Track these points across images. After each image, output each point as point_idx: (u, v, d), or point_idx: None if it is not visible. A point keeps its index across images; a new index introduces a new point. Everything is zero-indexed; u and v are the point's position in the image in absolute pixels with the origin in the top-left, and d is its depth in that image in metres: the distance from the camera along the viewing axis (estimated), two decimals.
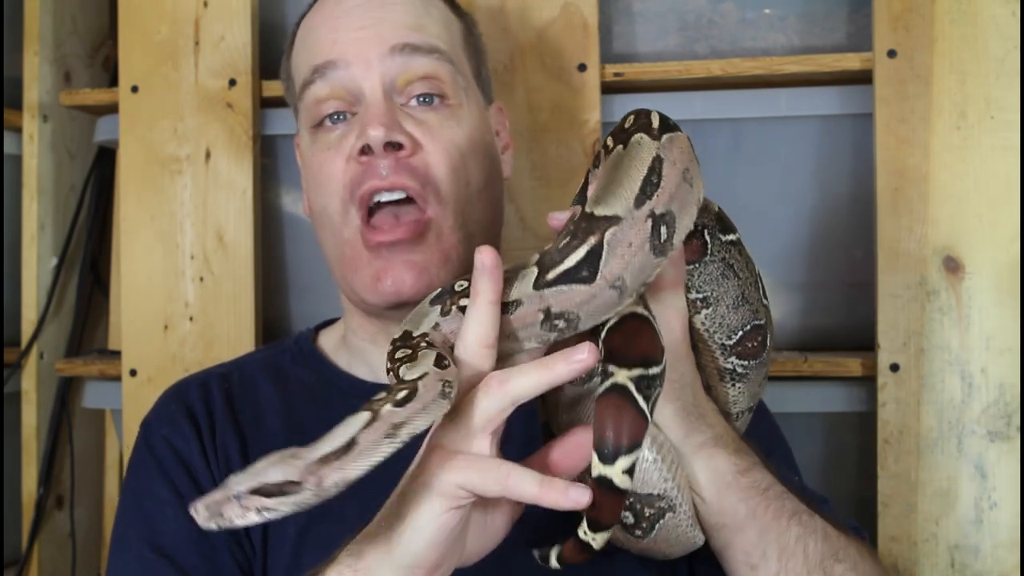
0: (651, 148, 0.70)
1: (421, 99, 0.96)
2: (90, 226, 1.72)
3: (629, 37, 1.45)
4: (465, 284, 0.72)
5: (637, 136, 0.72)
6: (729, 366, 0.85)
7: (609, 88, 1.40)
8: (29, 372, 1.64)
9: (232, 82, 1.45)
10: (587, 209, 0.68)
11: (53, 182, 1.67)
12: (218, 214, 1.45)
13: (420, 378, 0.64)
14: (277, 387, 1.03)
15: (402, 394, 0.63)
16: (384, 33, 0.95)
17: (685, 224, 0.71)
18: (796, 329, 1.42)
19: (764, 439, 0.94)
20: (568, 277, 0.67)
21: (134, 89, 1.48)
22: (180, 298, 1.46)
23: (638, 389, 0.66)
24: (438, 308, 0.73)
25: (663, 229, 0.69)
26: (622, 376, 0.67)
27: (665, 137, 0.72)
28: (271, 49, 1.51)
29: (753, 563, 0.78)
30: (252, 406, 1.01)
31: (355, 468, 0.63)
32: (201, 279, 1.45)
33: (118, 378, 1.49)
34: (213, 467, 0.96)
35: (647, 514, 0.76)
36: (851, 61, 1.34)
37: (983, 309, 1.28)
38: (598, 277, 0.67)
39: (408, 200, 0.93)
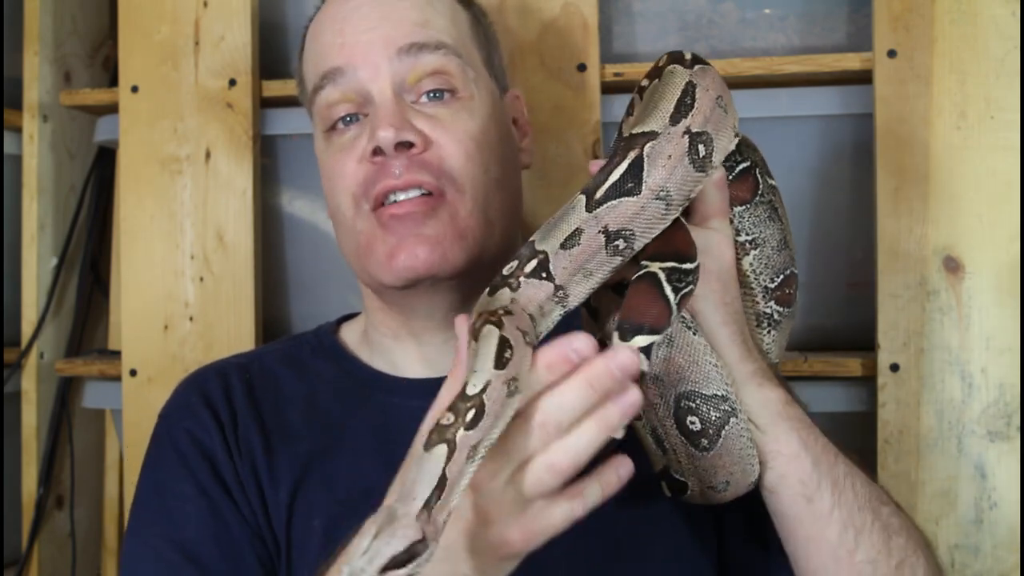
0: (684, 75, 0.76)
1: (431, 95, 0.96)
2: (90, 226, 1.72)
3: (629, 37, 1.45)
4: (514, 265, 0.73)
5: (670, 67, 0.77)
6: (768, 311, 0.87)
7: (609, 88, 1.40)
8: (29, 372, 1.64)
9: (232, 82, 1.45)
10: (625, 133, 0.73)
11: (53, 182, 1.67)
12: (218, 214, 1.45)
13: (483, 391, 0.64)
14: (298, 379, 1.02)
15: (471, 415, 0.63)
16: (390, 34, 0.95)
17: (723, 145, 0.76)
18: (796, 329, 1.41)
19: None
20: (616, 190, 0.71)
21: (134, 89, 1.48)
22: (180, 298, 1.46)
23: (668, 280, 0.70)
24: (505, 290, 0.73)
25: (701, 147, 0.73)
26: (654, 267, 0.71)
27: (697, 67, 0.77)
28: (271, 49, 1.51)
29: (809, 494, 0.79)
30: (273, 398, 1.00)
31: (454, 498, 0.64)
32: (201, 279, 1.45)
33: (118, 378, 1.49)
34: (236, 459, 0.95)
35: (713, 418, 0.77)
36: (851, 61, 1.34)
37: (983, 309, 1.28)
38: (643, 188, 0.71)
39: (425, 195, 0.93)
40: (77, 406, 1.69)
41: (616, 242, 0.72)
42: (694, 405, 0.78)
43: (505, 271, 0.74)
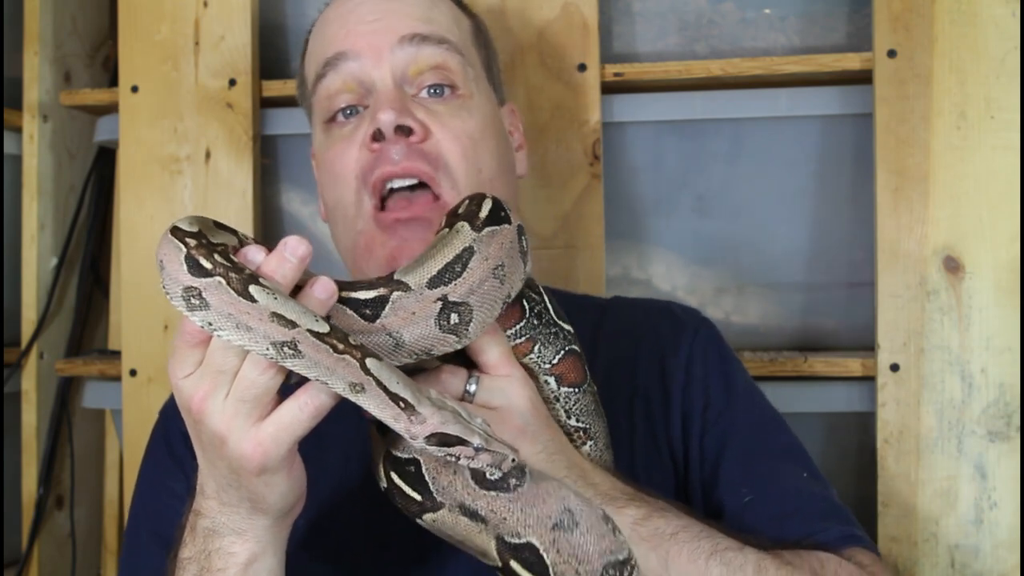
0: (466, 238, 0.75)
1: (432, 90, 0.97)
2: (90, 226, 1.72)
3: (629, 37, 1.45)
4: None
5: (460, 224, 0.76)
6: None
7: (609, 88, 1.40)
8: (29, 372, 1.64)
9: (232, 82, 1.45)
10: (395, 272, 0.74)
11: (53, 182, 1.67)
12: (218, 214, 1.44)
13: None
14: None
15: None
16: (394, 24, 0.97)
17: (482, 318, 0.76)
18: (796, 329, 1.42)
19: (776, 453, 0.97)
20: (354, 305, 0.72)
21: (134, 89, 1.48)
22: None
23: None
24: None
25: (454, 316, 0.74)
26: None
27: (487, 230, 0.76)
28: (271, 49, 1.51)
29: None
30: None
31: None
32: None
33: (118, 378, 1.49)
34: None
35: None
36: (851, 61, 1.34)
37: (983, 309, 1.28)
38: (377, 321, 0.72)
39: (421, 186, 0.94)
40: (77, 406, 1.69)
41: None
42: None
43: None
